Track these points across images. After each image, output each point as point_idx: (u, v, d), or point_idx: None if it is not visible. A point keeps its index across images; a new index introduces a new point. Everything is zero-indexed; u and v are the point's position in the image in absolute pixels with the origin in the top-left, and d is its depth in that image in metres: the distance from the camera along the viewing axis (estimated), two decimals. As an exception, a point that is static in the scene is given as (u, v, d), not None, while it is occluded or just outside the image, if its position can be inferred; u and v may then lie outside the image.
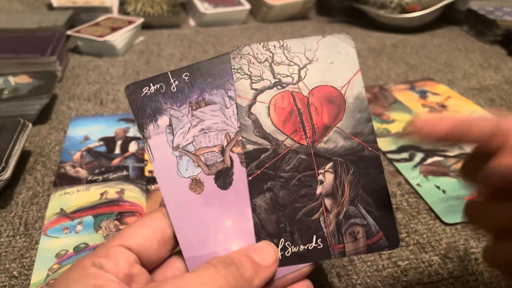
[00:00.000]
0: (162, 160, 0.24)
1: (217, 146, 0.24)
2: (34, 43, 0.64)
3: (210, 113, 0.24)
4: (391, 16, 0.84)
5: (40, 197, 0.40)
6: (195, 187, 0.23)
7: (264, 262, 0.21)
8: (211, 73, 0.25)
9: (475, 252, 0.34)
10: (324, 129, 0.24)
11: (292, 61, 0.25)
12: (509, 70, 0.69)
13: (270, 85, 0.25)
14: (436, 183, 0.42)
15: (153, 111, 0.24)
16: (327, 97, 0.25)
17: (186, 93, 0.24)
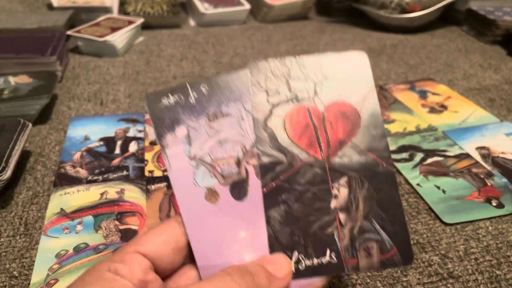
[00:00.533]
0: (179, 169, 0.24)
1: (233, 157, 0.24)
2: (34, 43, 0.64)
3: (227, 125, 0.25)
4: (391, 16, 0.84)
5: (40, 197, 0.40)
6: (210, 197, 0.24)
7: (279, 274, 0.21)
8: (228, 87, 0.25)
9: (475, 252, 0.34)
10: (339, 144, 0.24)
11: (308, 76, 0.25)
12: (509, 70, 0.69)
13: (286, 99, 0.25)
14: (436, 183, 0.42)
15: (171, 121, 0.24)
16: (342, 112, 0.25)
17: (204, 105, 0.25)
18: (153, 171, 0.43)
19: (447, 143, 0.48)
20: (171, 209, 0.38)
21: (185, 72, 0.67)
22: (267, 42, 0.81)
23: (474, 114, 0.55)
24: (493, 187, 0.41)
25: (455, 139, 0.49)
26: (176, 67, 0.69)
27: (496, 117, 0.54)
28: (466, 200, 0.39)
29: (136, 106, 0.56)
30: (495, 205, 0.39)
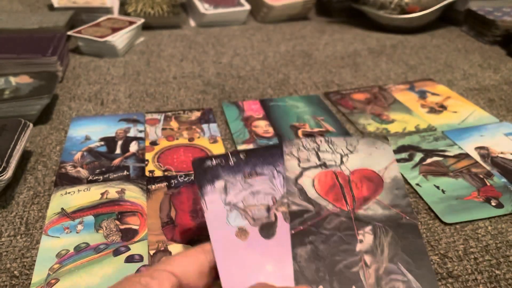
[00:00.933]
0: (214, 210, 0.27)
1: (264, 205, 0.28)
2: (35, 44, 0.64)
3: (260, 181, 0.29)
4: (391, 16, 0.84)
5: (41, 197, 0.40)
6: (240, 235, 0.26)
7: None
8: (263, 154, 0.30)
9: (475, 251, 0.34)
10: (364, 200, 0.28)
11: (336, 151, 0.30)
12: (508, 71, 0.69)
13: (316, 165, 0.29)
14: (435, 183, 0.42)
15: (212, 176, 0.29)
16: (366, 176, 0.29)
17: (241, 167, 0.30)
18: (154, 171, 0.43)
19: (447, 143, 0.48)
20: (171, 209, 0.38)
21: (185, 72, 0.67)
22: (267, 42, 0.81)
23: (473, 114, 0.55)
24: (493, 187, 0.41)
25: (455, 139, 0.49)
26: (176, 68, 0.69)
27: (495, 117, 0.54)
28: (466, 200, 0.39)
29: (136, 106, 0.57)
30: (494, 205, 0.39)
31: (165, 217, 0.37)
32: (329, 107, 0.57)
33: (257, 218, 0.27)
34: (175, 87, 0.63)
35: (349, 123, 0.53)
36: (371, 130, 0.51)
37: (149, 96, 0.59)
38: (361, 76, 0.67)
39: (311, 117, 0.54)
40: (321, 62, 0.72)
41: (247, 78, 0.66)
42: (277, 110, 0.55)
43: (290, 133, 0.50)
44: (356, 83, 0.64)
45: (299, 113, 0.55)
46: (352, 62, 0.72)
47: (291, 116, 0.54)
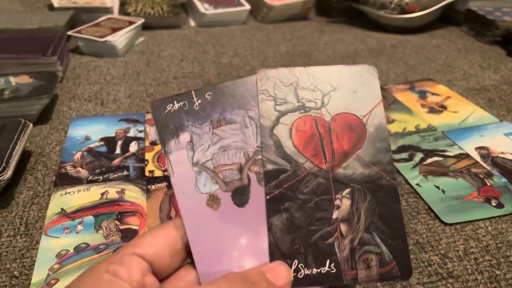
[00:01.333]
0: (181, 174, 0.24)
1: (235, 164, 0.24)
2: (35, 44, 0.64)
3: (230, 131, 0.25)
4: (391, 16, 0.84)
5: (41, 197, 0.40)
6: (212, 203, 0.24)
7: (278, 283, 0.21)
8: (233, 94, 0.25)
9: (475, 252, 0.34)
10: (343, 155, 0.25)
11: (317, 87, 0.26)
12: (508, 71, 0.69)
13: (294, 108, 0.25)
14: (435, 183, 0.42)
15: (175, 127, 0.25)
16: (348, 124, 0.25)
17: (208, 112, 0.25)
18: (154, 171, 0.43)
19: (447, 143, 0.48)
20: (171, 208, 0.38)
21: (186, 73, 0.67)
22: (267, 42, 0.81)
23: (473, 114, 0.55)
24: (493, 187, 0.41)
25: (455, 139, 0.49)
26: (177, 68, 0.69)
27: (495, 117, 0.54)
28: (466, 200, 0.39)
29: (136, 106, 0.57)
30: (494, 205, 0.39)
31: (165, 217, 0.37)
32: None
33: (228, 181, 0.24)
34: (175, 87, 0.63)
35: (349, 123, 0.53)
36: (371, 130, 0.51)
37: (149, 96, 0.59)
38: (361, 76, 0.67)
39: (311, 117, 0.54)
40: (321, 62, 0.72)
41: (247, 78, 0.66)
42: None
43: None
44: (356, 83, 0.64)
45: (299, 113, 0.55)
46: (352, 62, 0.72)
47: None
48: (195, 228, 0.23)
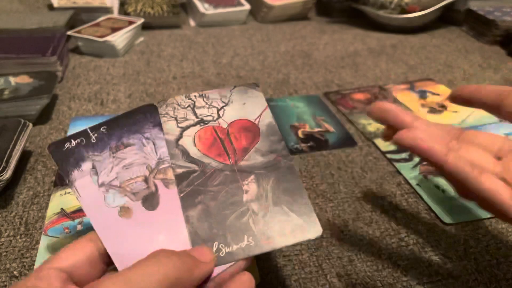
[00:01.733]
0: (89, 196, 0.26)
1: (140, 177, 0.27)
2: (34, 43, 0.64)
3: (130, 152, 0.28)
4: (391, 16, 0.84)
5: (41, 197, 0.40)
6: (124, 214, 0.26)
7: (202, 258, 0.23)
8: (126, 123, 0.29)
9: (475, 252, 0.34)
10: (244, 151, 0.29)
11: (211, 105, 0.31)
12: (508, 71, 0.69)
13: (194, 123, 0.30)
14: (435, 183, 0.42)
15: (76, 159, 0.28)
16: (243, 126, 0.30)
17: (105, 141, 0.28)
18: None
19: (447, 143, 0.48)
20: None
21: (185, 72, 0.67)
22: (267, 42, 0.81)
23: (473, 114, 0.55)
24: (493, 187, 0.41)
25: (455, 139, 0.49)
26: (176, 67, 0.69)
27: (495, 117, 0.54)
28: (466, 200, 0.39)
29: (136, 106, 0.56)
30: (494, 205, 0.39)
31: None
32: (329, 107, 0.57)
33: (136, 192, 0.27)
34: (175, 87, 0.63)
35: (349, 123, 0.53)
36: (371, 130, 0.51)
37: (149, 96, 0.59)
38: (361, 76, 0.67)
39: (311, 117, 0.54)
40: (321, 62, 0.72)
41: (247, 78, 0.66)
42: (277, 110, 0.55)
43: (290, 133, 0.50)
44: (356, 83, 0.64)
45: (299, 113, 0.55)
46: (352, 62, 0.72)
47: (291, 116, 0.54)
48: (112, 239, 0.25)
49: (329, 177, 0.43)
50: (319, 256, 0.34)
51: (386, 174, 0.44)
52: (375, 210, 0.39)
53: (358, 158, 0.46)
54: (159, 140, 0.29)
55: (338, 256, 0.34)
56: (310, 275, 0.33)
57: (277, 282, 0.32)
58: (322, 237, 0.36)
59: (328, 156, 0.47)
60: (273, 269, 0.33)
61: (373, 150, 0.48)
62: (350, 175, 0.44)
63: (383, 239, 0.36)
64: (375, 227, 0.37)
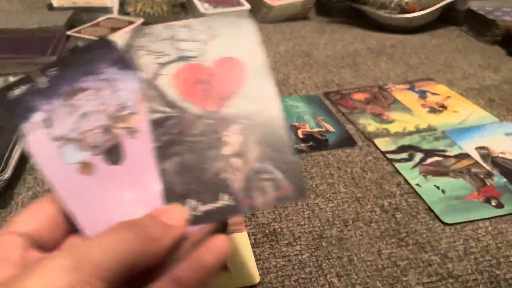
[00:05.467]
0: (43, 152, 0.23)
1: (100, 127, 0.24)
2: (34, 43, 0.64)
3: (86, 98, 0.25)
4: (391, 16, 0.84)
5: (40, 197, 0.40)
6: (85, 170, 0.23)
7: (173, 222, 0.21)
8: (78, 63, 0.25)
9: (475, 252, 0.34)
10: (227, 95, 0.25)
11: (195, 37, 0.26)
12: (508, 70, 0.69)
13: (174, 59, 0.26)
14: (435, 183, 0.42)
15: (24, 110, 0.24)
16: (229, 66, 0.26)
17: (56, 87, 0.25)
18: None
19: (447, 143, 0.48)
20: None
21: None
22: (267, 42, 0.81)
23: (473, 114, 0.55)
24: (493, 187, 0.41)
25: (455, 139, 0.49)
26: (176, 67, 0.69)
27: (495, 117, 0.54)
28: (466, 200, 0.39)
29: (136, 106, 0.56)
30: (494, 205, 0.39)
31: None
32: (329, 107, 0.57)
33: (97, 145, 0.24)
34: (175, 87, 0.62)
35: (349, 123, 0.53)
36: (371, 130, 0.51)
37: (148, 96, 0.59)
38: (361, 76, 0.67)
39: (311, 117, 0.54)
40: (321, 62, 0.72)
41: (247, 78, 0.66)
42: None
43: (290, 133, 0.50)
44: (356, 83, 0.64)
45: (299, 113, 0.55)
46: (352, 62, 0.72)
47: (291, 116, 0.54)
48: (72, 198, 0.22)
49: (329, 177, 0.43)
50: (319, 256, 0.34)
51: (386, 174, 0.44)
52: (375, 210, 0.39)
53: (358, 158, 0.46)
54: (119, 82, 0.25)
55: (338, 256, 0.34)
56: (310, 275, 0.32)
57: (277, 282, 0.32)
58: (322, 237, 0.36)
59: (328, 156, 0.47)
60: (273, 269, 0.33)
61: (373, 150, 0.48)
62: (350, 175, 0.44)
63: (383, 239, 0.36)
64: (375, 227, 0.37)
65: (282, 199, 0.23)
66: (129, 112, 0.25)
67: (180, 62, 0.26)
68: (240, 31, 0.27)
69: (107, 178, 0.23)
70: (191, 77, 0.26)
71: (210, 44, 0.26)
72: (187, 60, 0.26)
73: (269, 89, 0.25)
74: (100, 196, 0.23)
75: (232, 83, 0.25)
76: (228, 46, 0.26)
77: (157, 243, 0.20)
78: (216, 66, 0.26)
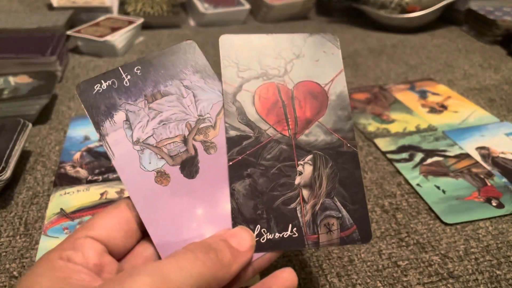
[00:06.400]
0: (123, 156, 0.23)
1: (178, 136, 0.24)
2: (34, 43, 0.64)
3: (167, 104, 0.24)
4: (391, 16, 0.84)
5: (40, 197, 0.40)
6: (161, 180, 0.23)
7: (241, 248, 0.21)
8: (163, 65, 0.25)
9: (475, 252, 0.34)
10: (306, 123, 0.25)
11: (280, 54, 0.26)
12: (509, 70, 0.69)
13: (257, 75, 0.25)
14: (436, 183, 0.42)
15: (107, 107, 0.24)
16: (311, 92, 0.25)
17: (140, 87, 0.24)
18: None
19: (447, 143, 0.48)
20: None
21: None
22: (267, 42, 0.81)
23: (474, 114, 0.55)
24: (493, 187, 0.41)
25: (455, 139, 0.49)
26: (176, 67, 0.69)
27: (496, 117, 0.54)
28: (466, 200, 0.39)
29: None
30: (495, 205, 0.39)
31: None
32: (329, 107, 0.57)
33: (174, 155, 0.23)
34: (175, 87, 0.62)
35: (349, 123, 0.53)
36: (371, 130, 0.51)
37: (148, 96, 0.59)
38: (361, 76, 0.67)
39: (311, 117, 0.54)
40: (321, 62, 0.72)
41: (247, 78, 0.66)
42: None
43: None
44: (356, 82, 0.64)
45: (299, 113, 0.55)
46: (352, 61, 0.72)
47: (291, 116, 0.54)
48: (147, 207, 0.22)
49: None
50: (319, 256, 0.34)
51: (386, 174, 0.44)
52: (375, 210, 0.39)
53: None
54: (200, 91, 0.25)
55: (338, 256, 0.34)
56: (310, 275, 0.32)
57: (277, 282, 0.32)
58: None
59: (328, 156, 0.47)
60: (273, 270, 0.33)
61: (373, 150, 0.48)
62: (350, 175, 0.43)
63: (383, 239, 0.36)
64: (375, 227, 0.37)
65: (346, 241, 0.23)
66: (208, 125, 0.24)
67: (263, 79, 0.25)
68: (325, 54, 0.26)
69: (181, 190, 0.23)
70: (272, 97, 0.25)
71: (293, 63, 0.26)
72: (269, 78, 0.25)
73: (347, 122, 0.25)
74: (173, 209, 0.23)
75: (312, 110, 0.25)
76: (311, 68, 0.26)
77: (228, 269, 0.20)
78: (298, 89, 0.25)
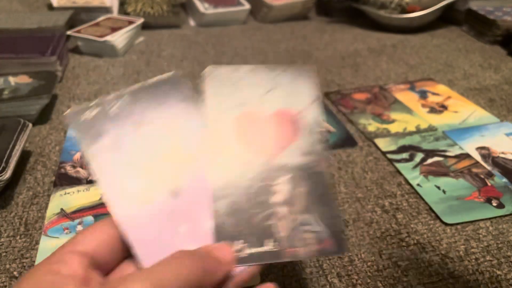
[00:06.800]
0: (109, 176, 0.24)
1: (163, 160, 0.25)
2: (34, 43, 0.64)
3: (153, 130, 0.26)
4: (391, 16, 0.84)
5: (40, 197, 0.40)
6: (146, 200, 0.24)
7: (224, 259, 0.23)
8: (153, 94, 0.27)
9: (475, 252, 0.34)
10: (282, 147, 0.27)
11: (259, 84, 0.28)
12: (509, 70, 0.69)
13: (236, 104, 0.27)
14: (436, 183, 0.42)
15: (95, 132, 0.25)
16: (286, 119, 0.28)
17: (127, 113, 0.26)
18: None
19: (447, 143, 0.48)
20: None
21: (185, 72, 0.67)
22: (267, 42, 0.81)
23: (474, 114, 0.55)
24: (493, 187, 0.41)
25: (455, 139, 0.49)
26: (177, 67, 0.69)
27: (496, 117, 0.54)
28: (467, 200, 0.39)
29: (136, 106, 0.56)
30: (495, 205, 0.39)
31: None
32: (329, 107, 0.57)
33: (159, 177, 0.25)
34: (175, 87, 0.62)
35: (350, 123, 0.53)
36: (372, 130, 0.51)
37: (149, 96, 0.59)
38: (361, 76, 0.67)
39: (311, 117, 0.54)
40: (321, 62, 0.72)
41: (247, 78, 0.66)
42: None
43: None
44: (356, 83, 0.64)
45: (299, 113, 0.55)
46: (353, 62, 0.72)
47: (291, 116, 0.54)
48: (130, 225, 0.23)
49: (329, 177, 0.43)
50: (320, 256, 0.34)
51: (386, 174, 0.44)
52: (375, 211, 0.39)
53: (359, 158, 0.46)
54: (183, 120, 0.26)
55: (339, 257, 0.34)
56: (310, 275, 0.32)
57: (277, 282, 0.32)
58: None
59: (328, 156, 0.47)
60: (273, 270, 0.33)
61: (374, 150, 0.48)
62: (351, 175, 0.43)
63: (383, 240, 0.36)
64: (375, 227, 0.37)
65: (323, 252, 0.25)
66: (190, 153, 0.26)
67: (241, 108, 0.27)
68: (300, 85, 0.28)
69: (165, 209, 0.24)
70: (250, 124, 0.27)
71: (271, 93, 0.28)
72: (248, 106, 0.27)
73: (319, 145, 0.27)
74: (157, 227, 0.24)
75: (287, 136, 0.27)
76: (287, 97, 0.28)
77: (212, 275, 0.21)
78: (273, 117, 0.27)
